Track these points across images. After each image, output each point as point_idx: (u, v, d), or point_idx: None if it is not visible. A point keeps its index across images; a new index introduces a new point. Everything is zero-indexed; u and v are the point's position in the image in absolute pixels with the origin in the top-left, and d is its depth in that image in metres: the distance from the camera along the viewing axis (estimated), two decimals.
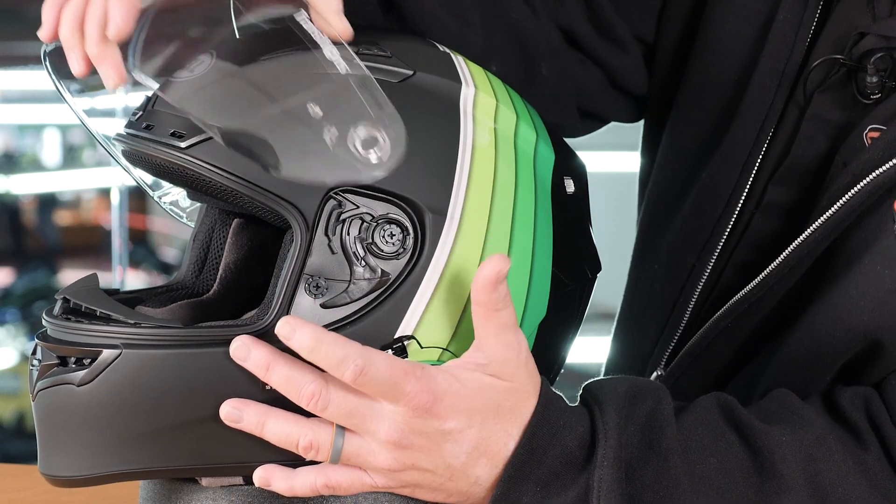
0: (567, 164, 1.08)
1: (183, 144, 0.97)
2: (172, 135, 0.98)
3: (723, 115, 1.22)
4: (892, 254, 1.08)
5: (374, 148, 0.98)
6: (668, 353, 1.23)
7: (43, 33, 1.00)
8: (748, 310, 1.16)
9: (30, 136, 6.29)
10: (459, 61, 1.06)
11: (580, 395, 1.05)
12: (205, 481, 1.01)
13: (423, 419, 0.97)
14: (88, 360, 0.97)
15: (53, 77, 1.05)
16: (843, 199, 1.09)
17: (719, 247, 1.20)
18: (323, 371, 0.96)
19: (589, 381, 1.06)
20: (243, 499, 1.00)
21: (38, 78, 6.08)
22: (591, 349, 2.50)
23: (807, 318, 1.11)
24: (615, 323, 1.34)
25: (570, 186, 1.08)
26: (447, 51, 1.08)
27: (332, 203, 0.97)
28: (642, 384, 1.05)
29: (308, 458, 0.97)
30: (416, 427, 0.97)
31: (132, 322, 0.98)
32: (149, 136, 0.99)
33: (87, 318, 0.99)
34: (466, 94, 1.03)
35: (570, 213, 1.07)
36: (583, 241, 1.10)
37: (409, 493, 1.00)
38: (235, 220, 1.12)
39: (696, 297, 1.22)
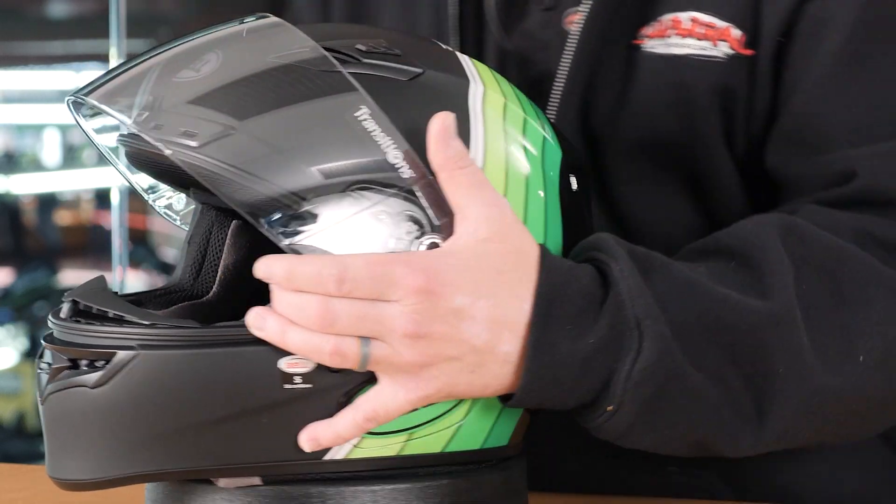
0: (572, 162, 1.08)
1: (194, 143, 0.97)
2: (184, 134, 0.97)
3: None
4: (648, 72, 1.17)
5: None
6: None
7: None
8: None
9: (30, 136, 6.29)
10: (465, 60, 1.06)
11: None
12: (222, 482, 1.00)
13: (429, 301, 0.95)
14: (102, 363, 0.97)
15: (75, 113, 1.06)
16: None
17: None
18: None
19: None
20: (260, 500, 1.00)
21: (38, 78, 6.09)
22: None
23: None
24: None
25: (574, 184, 1.07)
26: (452, 49, 1.08)
27: (348, 200, 0.97)
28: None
29: (336, 365, 0.96)
30: (428, 312, 0.95)
31: (147, 323, 0.98)
32: (159, 136, 0.98)
33: (99, 319, 0.99)
34: (475, 91, 1.03)
35: (576, 210, 1.07)
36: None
37: (446, 396, 0.98)
38: (234, 221, 1.11)
39: None
